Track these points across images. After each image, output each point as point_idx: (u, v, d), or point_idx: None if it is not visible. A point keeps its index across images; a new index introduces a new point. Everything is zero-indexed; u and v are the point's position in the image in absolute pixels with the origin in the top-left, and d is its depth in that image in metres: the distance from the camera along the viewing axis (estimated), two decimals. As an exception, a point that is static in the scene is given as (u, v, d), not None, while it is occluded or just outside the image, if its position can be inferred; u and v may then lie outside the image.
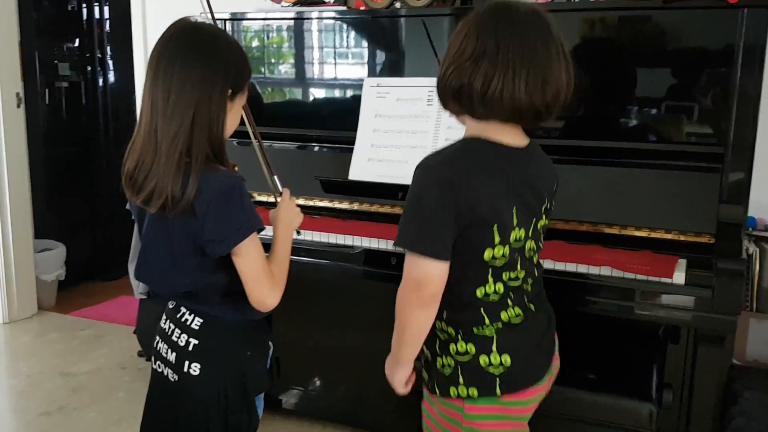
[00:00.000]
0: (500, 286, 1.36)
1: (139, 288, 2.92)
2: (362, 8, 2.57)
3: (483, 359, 1.36)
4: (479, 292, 1.36)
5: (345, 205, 2.31)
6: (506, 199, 1.32)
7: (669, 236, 1.93)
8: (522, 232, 1.35)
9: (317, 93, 2.67)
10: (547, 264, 1.88)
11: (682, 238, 1.92)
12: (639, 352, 2.11)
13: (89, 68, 4.48)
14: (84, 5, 4.44)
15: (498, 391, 1.36)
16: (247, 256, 1.38)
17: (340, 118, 2.54)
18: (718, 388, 1.90)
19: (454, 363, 1.39)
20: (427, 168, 1.33)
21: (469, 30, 1.31)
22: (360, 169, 2.29)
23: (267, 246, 1.46)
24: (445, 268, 1.31)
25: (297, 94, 2.70)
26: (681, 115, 2.08)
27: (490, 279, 1.35)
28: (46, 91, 4.25)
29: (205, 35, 1.39)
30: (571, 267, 1.86)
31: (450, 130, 2.19)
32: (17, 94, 3.69)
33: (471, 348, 1.37)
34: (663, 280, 1.78)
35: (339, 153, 2.42)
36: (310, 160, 2.51)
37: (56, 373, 3.14)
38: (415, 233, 1.31)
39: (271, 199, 1.63)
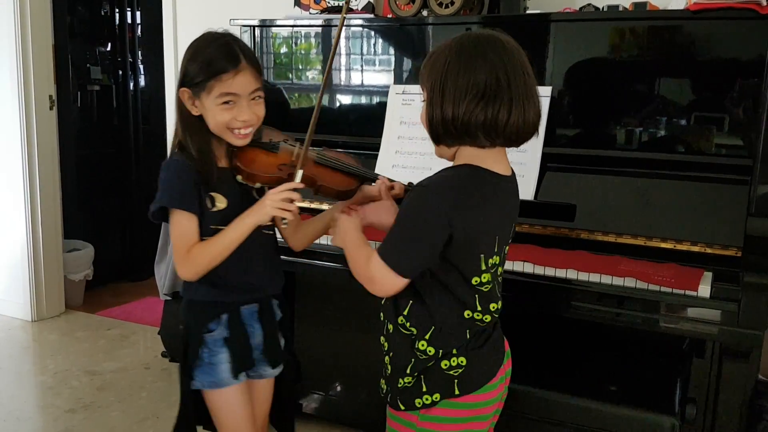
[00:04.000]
0: (488, 317, 1.42)
1: (164, 289, 2.96)
2: (390, 16, 2.58)
3: (444, 363, 1.40)
4: (466, 314, 1.40)
5: (369, 211, 2.32)
6: (494, 228, 1.38)
7: (695, 249, 1.91)
8: (497, 259, 1.41)
9: (343, 99, 2.69)
10: (570, 274, 1.87)
11: (709, 250, 1.89)
12: (662, 365, 2.09)
13: (120, 72, 4.55)
14: (117, 10, 4.51)
15: (456, 391, 1.40)
16: (171, 228, 1.59)
17: (366, 124, 2.56)
18: (742, 404, 1.87)
19: (413, 379, 1.42)
20: (427, 190, 1.36)
21: (469, 65, 1.32)
22: (385, 175, 2.30)
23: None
24: (404, 283, 1.38)
25: (323, 100, 2.71)
26: (709, 126, 2.06)
27: (479, 306, 1.40)
28: (78, 93, 4.33)
29: (190, 43, 1.63)
30: (594, 278, 1.85)
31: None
32: (50, 96, 3.77)
33: (437, 353, 1.41)
34: (688, 292, 1.76)
35: (364, 159, 2.43)
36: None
37: (82, 371, 3.19)
38: (396, 247, 1.37)
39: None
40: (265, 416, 1.84)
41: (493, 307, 1.43)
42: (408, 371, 1.43)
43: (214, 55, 1.56)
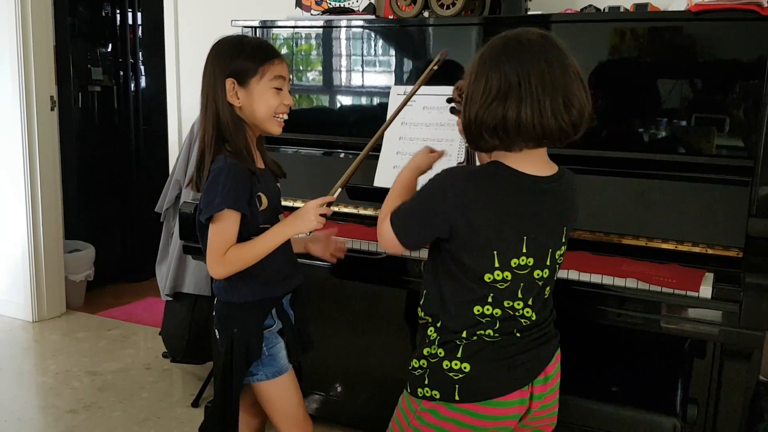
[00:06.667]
0: (498, 311, 1.42)
1: (165, 290, 2.96)
2: (391, 17, 2.58)
3: (446, 363, 1.43)
4: (476, 310, 1.41)
5: (370, 212, 2.32)
6: (514, 226, 1.38)
7: (696, 249, 1.91)
8: (531, 260, 1.40)
9: (344, 100, 2.69)
10: (572, 275, 1.87)
11: (710, 251, 1.89)
12: (664, 366, 2.09)
13: (122, 73, 4.56)
14: (118, 11, 4.52)
15: (456, 396, 1.42)
16: (212, 227, 1.63)
17: (367, 125, 2.55)
18: (743, 405, 1.87)
19: (426, 364, 1.46)
20: (446, 174, 1.41)
21: (486, 71, 1.35)
22: (385, 176, 2.30)
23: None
24: (403, 249, 1.49)
25: (324, 101, 2.72)
26: (710, 128, 2.06)
27: (491, 300, 1.41)
28: (79, 94, 4.33)
29: (218, 43, 1.71)
30: (596, 278, 1.85)
31: (476, 138, 2.20)
32: (51, 97, 3.77)
33: (441, 352, 1.44)
34: (689, 293, 1.76)
35: (365, 160, 2.43)
36: (336, 166, 2.52)
37: (83, 372, 3.19)
38: (405, 218, 1.45)
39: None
40: None
41: (508, 304, 1.41)
42: (417, 355, 1.49)
43: (260, 44, 1.70)
